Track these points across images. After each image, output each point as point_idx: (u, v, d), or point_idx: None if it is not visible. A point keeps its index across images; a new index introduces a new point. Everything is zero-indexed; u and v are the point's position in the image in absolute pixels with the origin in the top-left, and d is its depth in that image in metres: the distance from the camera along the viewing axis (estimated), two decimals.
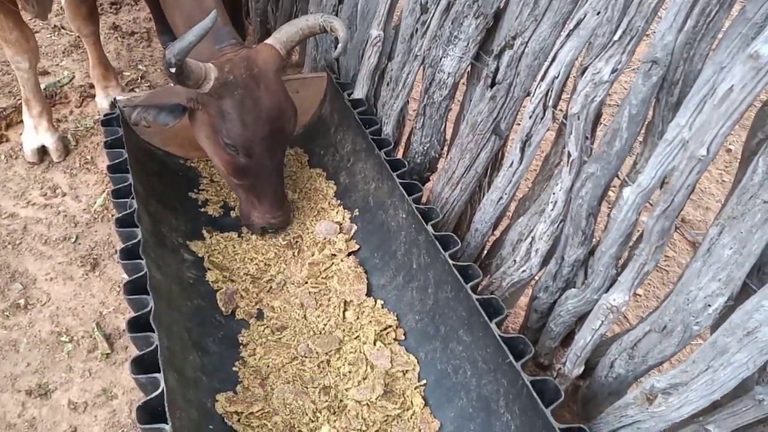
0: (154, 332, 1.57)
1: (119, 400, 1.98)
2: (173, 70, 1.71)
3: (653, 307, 1.93)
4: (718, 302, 1.27)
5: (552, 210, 1.67)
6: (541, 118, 1.63)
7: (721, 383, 1.28)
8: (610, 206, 2.39)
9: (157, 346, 1.53)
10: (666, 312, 1.39)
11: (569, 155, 1.56)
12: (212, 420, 1.68)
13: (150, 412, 1.44)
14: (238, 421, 1.71)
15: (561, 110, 1.71)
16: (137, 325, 1.61)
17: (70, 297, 2.27)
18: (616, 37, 1.39)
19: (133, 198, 1.94)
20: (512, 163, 1.75)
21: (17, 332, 2.14)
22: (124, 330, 2.18)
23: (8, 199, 2.63)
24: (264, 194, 2.17)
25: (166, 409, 1.41)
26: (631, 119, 1.39)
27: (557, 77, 1.56)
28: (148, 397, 1.44)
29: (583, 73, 1.50)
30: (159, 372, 1.48)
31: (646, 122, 1.47)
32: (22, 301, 2.23)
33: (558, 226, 1.69)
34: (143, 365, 1.52)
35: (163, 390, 1.43)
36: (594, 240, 1.71)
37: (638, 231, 1.68)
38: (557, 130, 1.81)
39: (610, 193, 1.80)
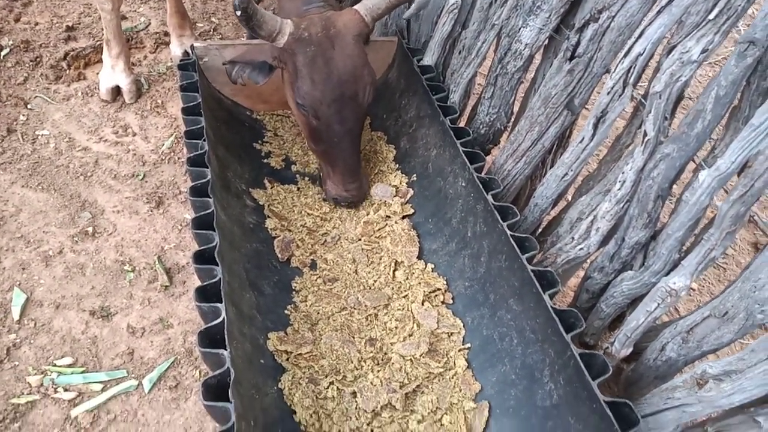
0: (217, 266, 1.64)
1: (174, 330, 2.08)
2: (239, 13, 1.75)
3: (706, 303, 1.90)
4: None
5: (619, 189, 1.65)
6: (620, 95, 1.61)
7: None
8: (672, 196, 2.35)
9: (220, 278, 1.61)
10: (729, 298, 1.38)
11: (645, 135, 1.54)
12: (263, 355, 1.75)
13: (210, 339, 1.51)
14: (287, 359, 1.78)
15: (640, 89, 1.68)
16: (202, 258, 1.69)
17: (135, 230, 2.38)
18: (711, 16, 1.36)
19: (204, 140, 2.01)
20: (583, 139, 1.74)
21: (84, 257, 2.26)
22: (183, 265, 2.28)
23: (82, 134, 2.76)
24: (336, 163, 2.16)
25: (226, 336, 1.48)
26: (717, 101, 1.37)
27: (642, 54, 1.53)
28: (210, 324, 1.51)
29: (670, 51, 1.48)
30: (221, 302, 1.56)
31: (731, 106, 1.44)
32: (90, 229, 2.35)
33: (623, 206, 1.67)
34: (205, 295, 1.60)
35: (224, 319, 1.51)
36: (658, 224, 1.69)
37: (706, 219, 1.65)
38: (633, 110, 1.79)
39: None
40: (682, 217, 1.49)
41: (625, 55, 1.57)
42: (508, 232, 1.81)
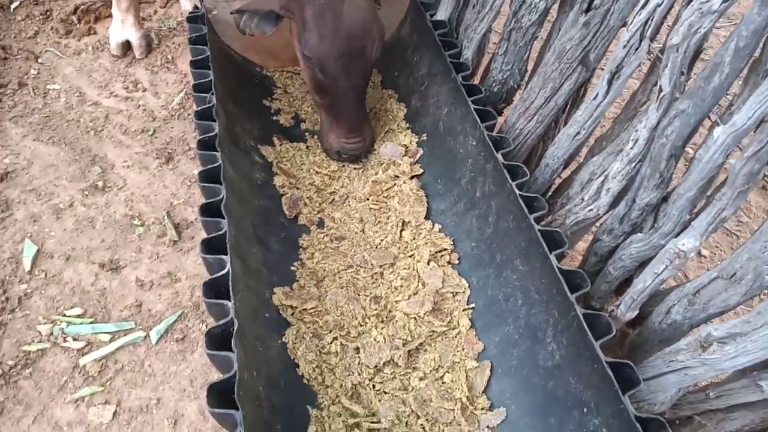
0: (224, 219, 1.64)
1: (182, 284, 2.10)
2: None
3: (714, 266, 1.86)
4: None
5: (632, 148, 1.61)
6: (636, 49, 1.55)
7: None
8: (686, 162, 2.29)
9: (225, 231, 1.61)
10: (738, 259, 1.34)
11: (660, 90, 1.49)
12: (268, 309, 1.77)
13: (215, 290, 1.52)
14: (292, 314, 1.80)
15: (657, 44, 1.62)
16: (209, 211, 1.69)
17: (145, 185, 2.39)
18: None
19: (212, 94, 1.99)
20: (597, 95, 1.69)
21: (94, 210, 2.28)
22: (192, 221, 2.29)
23: (93, 88, 2.75)
24: (340, 116, 2.15)
25: (231, 288, 1.49)
26: (736, 53, 1.31)
27: (660, 5, 1.47)
28: (216, 275, 1.52)
29: (690, 2, 1.41)
30: (226, 254, 1.56)
31: (751, 60, 1.38)
32: (100, 183, 2.36)
33: (635, 166, 1.63)
34: (212, 248, 1.61)
35: (229, 270, 1.51)
36: (670, 187, 1.65)
37: (718, 182, 1.61)
38: (649, 67, 1.73)
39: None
40: (695, 176, 1.45)
41: (643, 7, 1.50)
42: (517, 192, 1.78)
